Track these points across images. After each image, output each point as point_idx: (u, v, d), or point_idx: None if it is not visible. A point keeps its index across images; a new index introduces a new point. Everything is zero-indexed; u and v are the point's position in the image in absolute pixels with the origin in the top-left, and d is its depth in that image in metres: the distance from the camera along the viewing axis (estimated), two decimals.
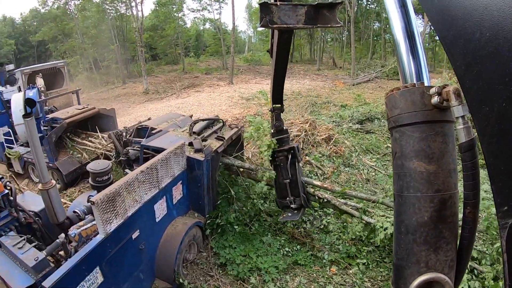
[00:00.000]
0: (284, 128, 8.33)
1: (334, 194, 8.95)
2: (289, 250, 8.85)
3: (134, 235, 6.56)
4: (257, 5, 73.26)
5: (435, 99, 2.20)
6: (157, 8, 60.50)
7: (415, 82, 2.46)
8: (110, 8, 54.60)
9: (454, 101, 2.09)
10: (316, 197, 8.97)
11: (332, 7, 4.26)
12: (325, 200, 8.84)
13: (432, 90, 2.23)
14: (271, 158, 8.50)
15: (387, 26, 65.23)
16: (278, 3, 4.13)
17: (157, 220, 7.35)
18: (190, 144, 8.53)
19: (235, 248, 8.63)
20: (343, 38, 65.19)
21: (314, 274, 8.18)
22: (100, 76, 50.37)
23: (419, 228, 2.30)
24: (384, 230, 7.84)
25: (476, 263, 7.25)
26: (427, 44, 56.40)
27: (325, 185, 9.19)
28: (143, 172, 6.65)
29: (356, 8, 55.67)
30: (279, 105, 8.08)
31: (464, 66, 1.87)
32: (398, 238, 2.49)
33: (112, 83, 47.30)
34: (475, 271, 7.16)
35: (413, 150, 2.31)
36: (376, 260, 8.46)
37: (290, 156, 8.27)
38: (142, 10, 52.78)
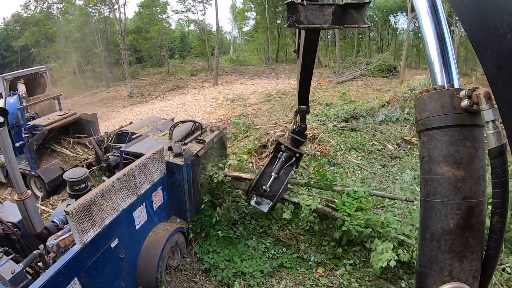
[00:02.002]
0: (305, 133, 8.24)
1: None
2: (275, 253, 8.74)
3: (113, 244, 6.39)
4: (241, 6, 73.73)
5: (465, 102, 2.16)
6: (141, 10, 60.28)
7: (444, 84, 2.41)
8: (94, 11, 54.19)
9: (485, 104, 2.04)
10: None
11: (359, 7, 4.15)
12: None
13: (462, 93, 2.18)
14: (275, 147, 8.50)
15: (372, 24, 65.85)
16: (305, 2, 4.01)
17: (137, 227, 7.19)
18: (170, 148, 8.40)
19: (219, 253, 8.49)
20: (328, 37, 65.47)
21: (300, 277, 8.08)
22: (85, 80, 50.02)
23: (444, 235, 2.26)
24: (308, 206, 8.06)
25: None
26: (411, 41, 56.81)
27: (252, 177, 9.14)
28: (119, 180, 6.47)
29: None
30: (305, 107, 7.86)
31: (495, 69, 1.82)
32: (422, 245, 2.44)
33: (97, 87, 47.02)
34: None
35: (441, 155, 2.27)
36: (363, 260, 8.37)
37: (293, 159, 8.22)
38: (125, 13, 52.62)
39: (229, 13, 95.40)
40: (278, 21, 66.21)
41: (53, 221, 7.25)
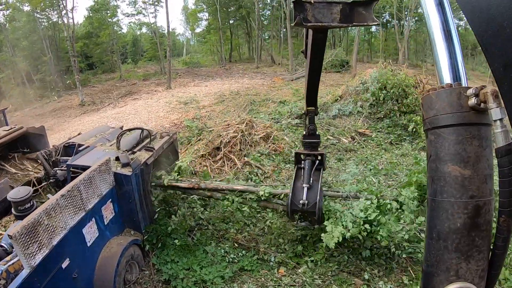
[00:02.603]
0: (317, 133, 8.13)
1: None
2: (234, 256, 8.65)
3: (64, 265, 6.13)
4: (193, 7, 73.27)
5: (472, 101, 2.15)
6: (91, 14, 58.74)
7: (451, 82, 2.40)
8: (42, 17, 52.25)
9: (492, 103, 2.03)
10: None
11: (367, 4, 4.09)
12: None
13: (470, 91, 2.17)
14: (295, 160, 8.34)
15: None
16: (312, 0, 3.94)
17: (88, 244, 6.91)
18: (117, 158, 8.13)
19: (177, 262, 8.31)
20: (281, 35, 66.02)
21: (263, 279, 8.06)
22: (35, 90, 48.00)
23: (451, 234, 2.26)
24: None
25: None
26: (362, 36, 58.11)
27: (191, 185, 9.13)
28: (64, 196, 6.19)
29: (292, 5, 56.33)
30: (313, 108, 7.82)
31: (502, 68, 1.82)
32: (429, 244, 2.44)
33: (47, 97, 45.35)
34: None
35: (448, 153, 2.27)
36: (325, 255, 8.43)
37: (317, 162, 8.03)
38: (73, 18, 50.76)
39: (181, 14, 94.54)
40: (231, 21, 66.35)
41: (1, 246, 6.93)
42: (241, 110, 22.91)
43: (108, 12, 57.04)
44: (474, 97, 2.15)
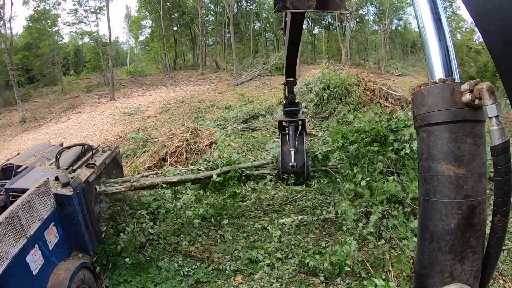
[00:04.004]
0: (296, 101, 9.01)
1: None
2: (189, 269, 8.47)
3: None
4: (136, 14, 72.10)
5: (466, 97, 2.10)
6: (30, 24, 56.27)
7: (444, 77, 2.33)
8: None
9: (488, 99, 2.00)
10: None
11: None
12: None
13: (464, 87, 2.12)
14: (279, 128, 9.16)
15: (267, 25, 67.83)
16: None
17: (34, 273, 6.52)
18: (57, 178, 7.78)
19: (130, 282, 8.04)
20: (225, 40, 66.17)
21: None
22: None
23: (445, 236, 2.22)
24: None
25: None
26: (306, 39, 59.32)
27: (127, 189, 9.11)
28: (1, 224, 5.87)
29: (236, 10, 56.78)
30: (292, 79, 8.72)
31: (500, 46, 1.80)
32: (422, 246, 2.40)
33: None
34: None
35: (441, 152, 2.22)
36: (280, 258, 8.47)
37: (300, 128, 8.74)
38: (11, 28, 48.47)
39: (124, 22, 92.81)
40: (175, 28, 65.82)
41: None
42: (186, 118, 22.89)
43: (49, 21, 54.80)
44: (468, 93, 2.12)
